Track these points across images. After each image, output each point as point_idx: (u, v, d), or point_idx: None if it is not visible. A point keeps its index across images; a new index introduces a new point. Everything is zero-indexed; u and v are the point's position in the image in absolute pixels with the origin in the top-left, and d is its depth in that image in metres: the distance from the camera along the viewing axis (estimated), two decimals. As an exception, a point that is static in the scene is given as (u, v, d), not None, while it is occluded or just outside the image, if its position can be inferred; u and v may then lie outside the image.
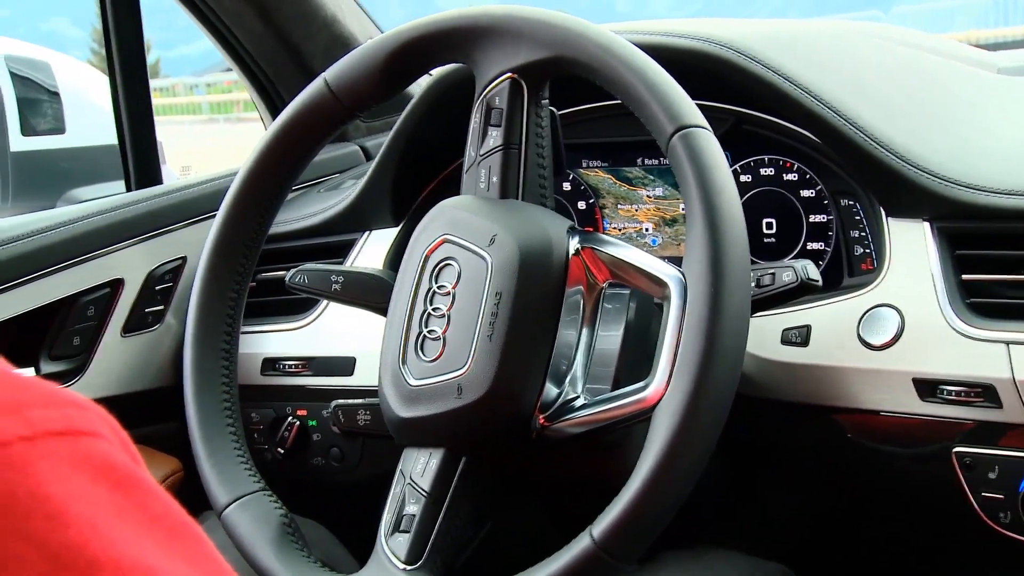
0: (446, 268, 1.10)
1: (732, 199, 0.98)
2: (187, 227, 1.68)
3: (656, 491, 0.94)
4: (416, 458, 1.10)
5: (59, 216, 1.57)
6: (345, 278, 1.26)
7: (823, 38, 1.49)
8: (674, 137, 0.99)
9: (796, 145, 1.38)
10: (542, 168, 1.14)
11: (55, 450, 0.43)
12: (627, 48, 1.04)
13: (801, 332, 1.25)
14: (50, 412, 0.44)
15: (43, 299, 1.52)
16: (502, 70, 1.11)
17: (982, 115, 1.41)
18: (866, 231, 1.33)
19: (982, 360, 1.14)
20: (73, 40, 30.80)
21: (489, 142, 1.13)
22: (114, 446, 0.46)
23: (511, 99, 1.11)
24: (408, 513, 1.08)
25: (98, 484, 0.44)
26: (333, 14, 1.81)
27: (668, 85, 1.02)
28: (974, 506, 1.18)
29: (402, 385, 1.09)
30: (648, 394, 0.97)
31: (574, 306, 1.08)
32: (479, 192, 1.14)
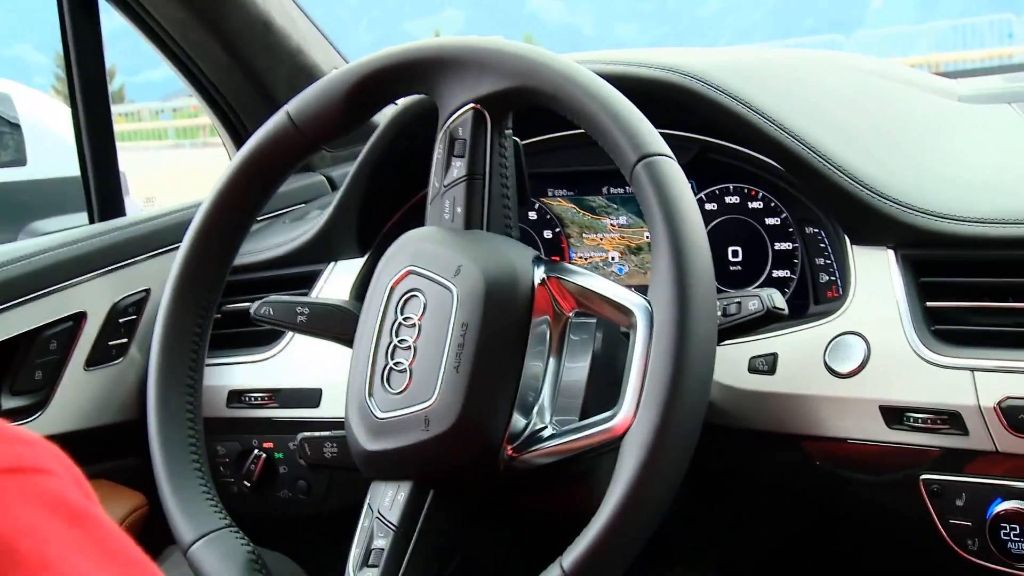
0: (411, 299, 1.09)
1: (697, 227, 0.98)
2: (151, 259, 1.67)
3: (626, 520, 0.94)
4: (384, 491, 1.09)
5: (20, 249, 1.56)
6: (311, 309, 1.25)
7: (786, 67, 1.50)
8: (638, 165, 0.99)
9: (761, 173, 1.38)
10: (506, 198, 1.14)
11: (6, 487, 0.42)
12: (590, 77, 1.04)
13: (768, 360, 1.25)
14: (1, 448, 0.43)
15: (4, 333, 1.50)
16: (464, 100, 1.11)
17: (944, 143, 1.42)
18: (831, 258, 1.34)
19: (948, 387, 1.15)
20: (37, 66, 30.76)
21: (453, 172, 1.13)
22: (65, 482, 0.46)
23: (474, 129, 1.11)
24: (376, 547, 1.07)
25: (51, 520, 0.43)
26: (298, 45, 1.80)
27: (631, 114, 1.02)
28: (942, 533, 1.18)
29: (369, 418, 1.09)
30: (616, 423, 0.97)
31: (540, 336, 1.08)
32: (443, 223, 1.13)
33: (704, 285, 0.96)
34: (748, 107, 1.27)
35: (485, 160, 1.12)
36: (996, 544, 1.15)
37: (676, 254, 0.96)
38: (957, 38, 21.84)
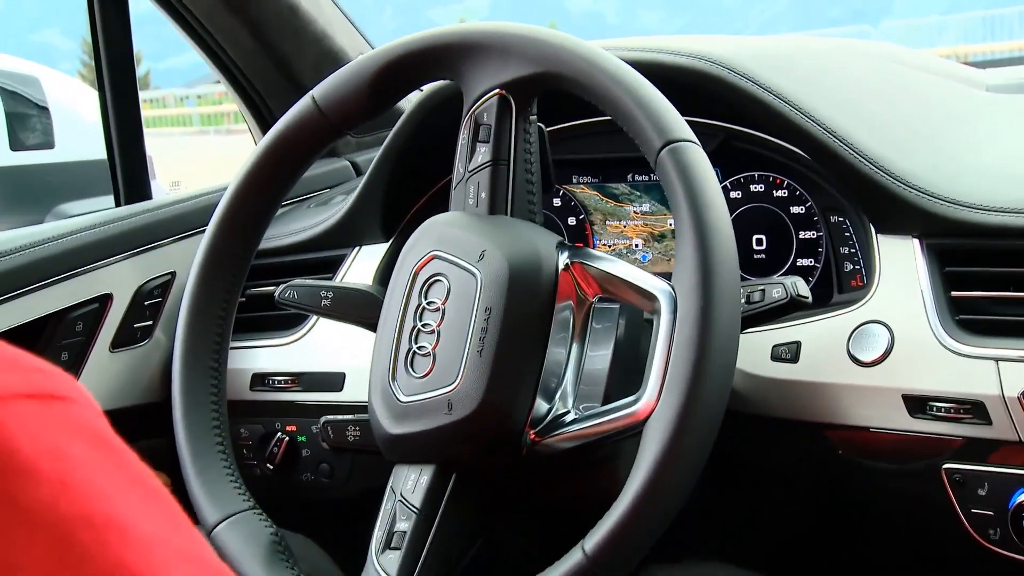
0: (435, 284, 1.09)
1: (721, 214, 0.98)
2: (176, 242, 1.68)
3: (647, 505, 0.94)
4: (407, 475, 1.10)
5: (47, 231, 1.57)
6: (335, 294, 1.26)
7: (813, 55, 1.49)
8: (662, 152, 0.99)
9: (786, 162, 1.38)
10: (530, 184, 1.14)
11: (27, 411, 0.42)
12: (615, 63, 1.04)
13: (791, 348, 1.25)
14: (20, 376, 0.44)
15: (31, 314, 1.51)
16: (490, 86, 1.11)
17: (971, 132, 1.42)
18: (855, 247, 1.33)
19: (971, 377, 1.15)
20: (63, 52, 30.80)
21: (478, 158, 1.13)
22: (86, 410, 0.46)
23: (499, 115, 1.11)
24: (399, 530, 1.08)
25: (72, 442, 0.43)
26: (323, 29, 1.81)
27: (656, 100, 1.02)
28: (964, 522, 1.18)
29: (392, 402, 1.09)
30: (639, 408, 0.97)
31: (564, 322, 1.08)
32: (468, 208, 1.13)
33: (728, 272, 0.96)
34: (775, 95, 1.27)
35: (510, 145, 1.12)
36: (1018, 533, 1.15)
37: (700, 241, 0.96)
38: (986, 29, 21.67)
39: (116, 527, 0.42)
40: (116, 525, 0.42)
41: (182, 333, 1.24)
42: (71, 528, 0.41)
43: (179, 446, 1.22)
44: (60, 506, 0.41)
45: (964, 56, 18.12)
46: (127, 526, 0.43)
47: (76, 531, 0.41)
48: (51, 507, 0.41)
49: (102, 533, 0.42)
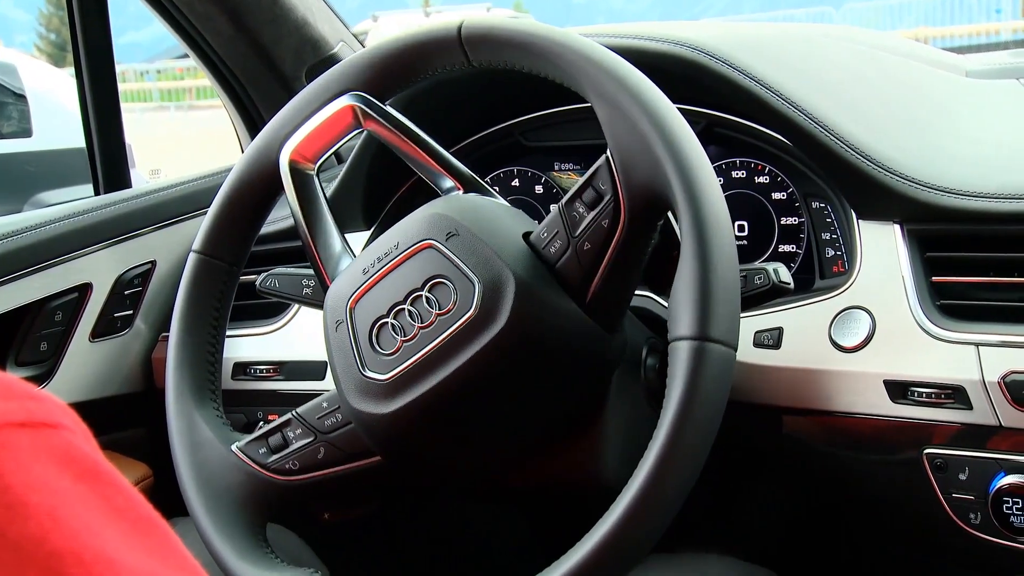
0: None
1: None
2: (156, 231, 1.67)
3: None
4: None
5: (26, 220, 1.56)
6: (316, 282, 1.25)
7: (794, 41, 1.49)
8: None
9: (768, 148, 1.38)
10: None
11: (16, 441, 0.42)
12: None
13: (773, 334, 1.25)
14: (10, 404, 0.44)
15: (10, 304, 1.50)
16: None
17: (952, 118, 1.42)
18: (837, 233, 1.34)
19: (952, 362, 1.15)
20: (18, 23, 30.39)
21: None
22: (77, 437, 0.46)
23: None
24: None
25: (61, 475, 0.43)
26: (303, 17, 1.80)
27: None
28: (945, 507, 1.19)
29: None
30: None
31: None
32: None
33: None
34: (756, 81, 1.27)
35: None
36: (999, 518, 1.15)
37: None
38: (945, 12, 21.69)
39: (105, 562, 0.42)
40: (105, 559, 0.42)
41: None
42: (61, 564, 0.41)
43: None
44: (50, 541, 0.41)
45: (925, 39, 18.13)
46: (115, 560, 0.43)
47: (66, 567, 0.41)
48: (41, 542, 0.41)
49: (92, 568, 0.42)
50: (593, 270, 1.00)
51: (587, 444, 1.08)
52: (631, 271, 1.02)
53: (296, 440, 1.13)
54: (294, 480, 1.13)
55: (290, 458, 1.13)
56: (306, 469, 1.13)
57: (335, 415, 1.12)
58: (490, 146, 1.57)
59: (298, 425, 1.14)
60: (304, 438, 1.13)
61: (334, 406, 1.12)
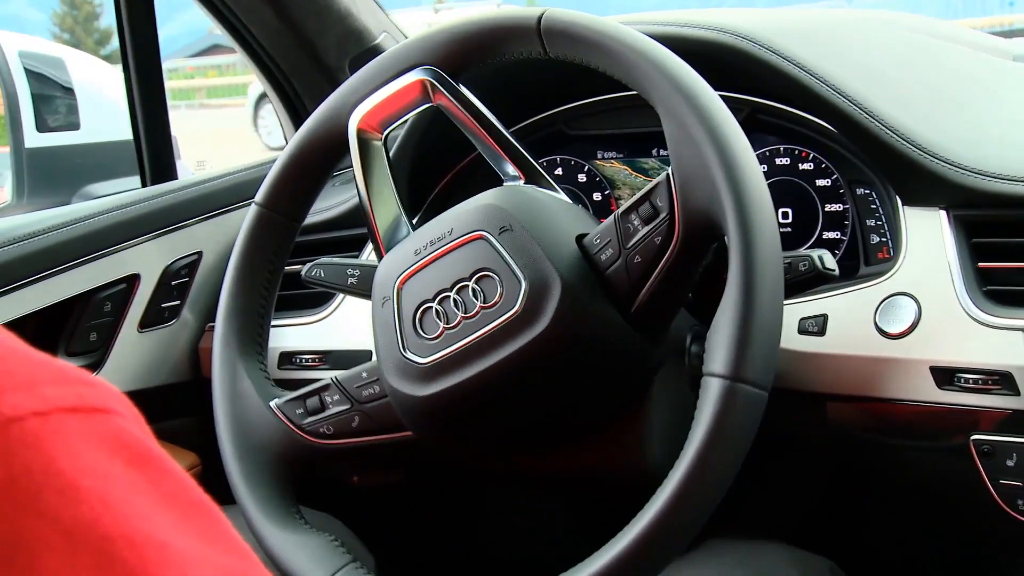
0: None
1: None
2: (202, 222, 1.69)
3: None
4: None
5: (75, 212, 1.58)
6: (361, 271, 1.26)
7: (837, 27, 1.49)
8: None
9: (811, 134, 1.37)
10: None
11: (68, 426, 0.43)
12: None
13: (818, 321, 1.25)
14: (63, 389, 0.44)
15: (60, 295, 1.52)
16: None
17: (999, 103, 1.41)
18: (882, 220, 1.33)
19: (999, 348, 1.14)
20: (33, 23, 30.36)
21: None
22: (128, 422, 0.46)
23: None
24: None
25: (112, 460, 0.44)
26: (347, 8, 1.80)
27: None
28: (992, 494, 1.18)
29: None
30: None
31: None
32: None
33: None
34: (800, 68, 1.26)
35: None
36: (1047, 504, 1.14)
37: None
38: (959, 4, 21.34)
39: (156, 545, 0.43)
40: (156, 543, 0.43)
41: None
42: (114, 547, 0.41)
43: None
44: (102, 525, 0.42)
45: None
46: (166, 544, 0.43)
47: (119, 550, 0.41)
48: (93, 525, 0.41)
49: (143, 552, 0.42)
50: (641, 283, 1.00)
51: (630, 432, 1.08)
52: (679, 288, 1.02)
53: (333, 406, 1.15)
54: (327, 444, 1.15)
55: (325, 422, 1.15)
56: (339, 435, 1.15)
57: (373, 386, 1.14)
58: (533, 135, 1.57)
59: (336, 391, 1.16)
60: (340, 404, 1.15)
61: (373, 377, 1.14)
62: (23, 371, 0.44)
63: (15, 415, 0.41)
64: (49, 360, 0.46)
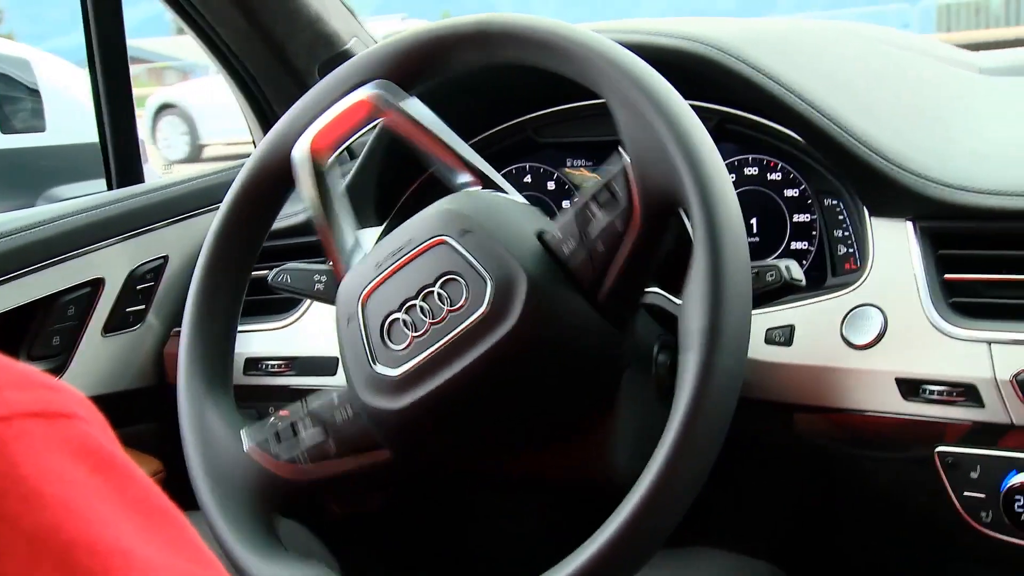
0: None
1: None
2: (169, 226, 1.68)
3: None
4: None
5: (39, 215, 1.57)
6: (328, 277, 1.25)
7: (806, 37, 1.49)
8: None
9: (780, 145, 1.38)
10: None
11: (30, 431, 0.42)
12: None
13: (784, 332, 1.25)
14: (26, 393, 0.44)
15: (22, 298, 1.51)
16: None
17: (965, 115, 1.42)
18: (849, 230, 1.33)
19: (964, 360, 1.15)
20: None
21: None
22: (92, 428, 0.46)
23: None
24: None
25: (76, 465, 0.43)
26: (317, 12, 1.80)
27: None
28: (956, 505, 1.18)
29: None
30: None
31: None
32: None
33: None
34: (769, 77, 1.27)
35: None
36: (1010, 516, 1.15)
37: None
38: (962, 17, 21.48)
39: (119, 553, 0.42)
40: (119, 551, 0.42)
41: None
42: (76, 554, 0.41)
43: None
44: (64, 531, 0.41)
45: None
46: (129, 551, 0.43)
47: (81, 557, 0.41)
48: (55, 532, 0.41)
49: (106, 559, 0.42)
50: (606, 270, 1.00)
51: (597, 440, 1.08)
52: (644, 272, 1.02)
53: (306, 434, 1.13)
54: (304, 474, 1.13)
55: (300, 451, 1.12)
56: (316, 461, 1.13)
57: (346, 409, 1.12)
58: (502, 143, 1.57)
59: (309, 418, 1.14)
60: (314, 431, 1.13)
61: (345, 400, 1.12)
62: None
63: None
64: (12, 364, 0.45)
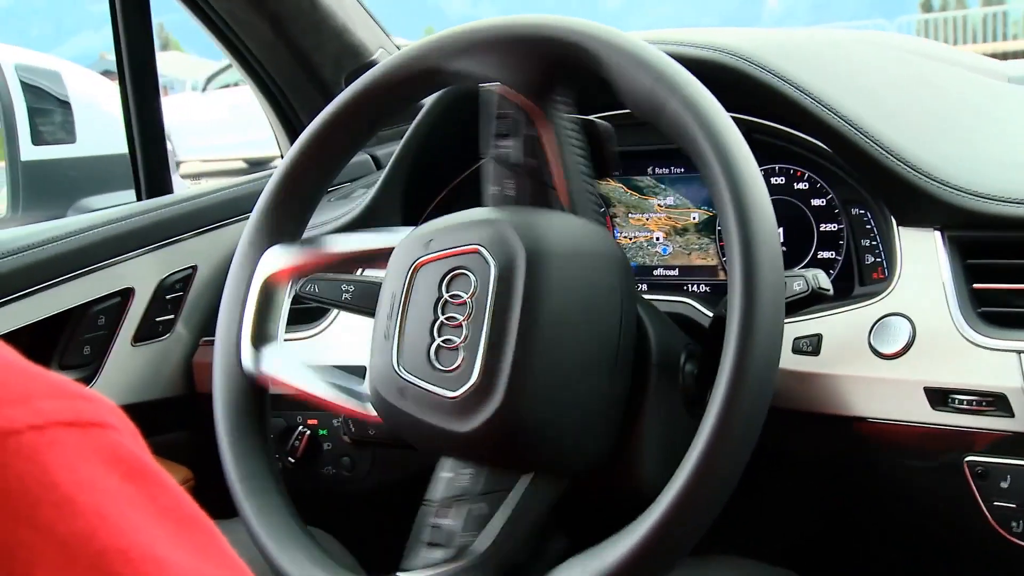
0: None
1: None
2: (197, 236, 1.69)
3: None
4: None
5: (70, 225, 1.58)
6: (356, 287, 1.26)
7: (833, 47, 1.49)
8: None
9: (807, 154, 1.37)
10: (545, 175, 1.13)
11: (64, 439, 0.43)
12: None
13: (812, 341, 1.25)
14: (59, 403, 0.44)
15: (54, 308, 1.52)
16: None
17: (993, 124, 1.41)
18: (877, 240, 1.33)
19: (993, 369, 1.14)
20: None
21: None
22: (124, 436, 0.46)
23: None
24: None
25: (109, 474, 0.44)
26: (344, 23, 1.81)
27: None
28: (986, 515, 1.18)
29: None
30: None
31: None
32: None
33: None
34: (796, 88, 1.27)
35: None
36: (1042, 526, 1.14)
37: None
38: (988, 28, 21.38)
39: (151, 559, 0.43)
40: (152, 558, 0.43)
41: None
42: (109, 561, 0.41)
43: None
44: (98, 538, 0.42)
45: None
46: (161, 558, 0.43)
47: (114, 564, 0.41)
48: (89, 539, 0.41)
49: (139, 566, 0.42)
50: (551, 176, 1.07)
51: (623, 449, 1.08)
52: (575, 159, 1.09)
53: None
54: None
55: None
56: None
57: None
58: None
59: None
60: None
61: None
62: (19, 384, 0.44)
63: (12, 428, 0.41)
64: (45, 374, 0.46)
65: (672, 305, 1.34)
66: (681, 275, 1.47)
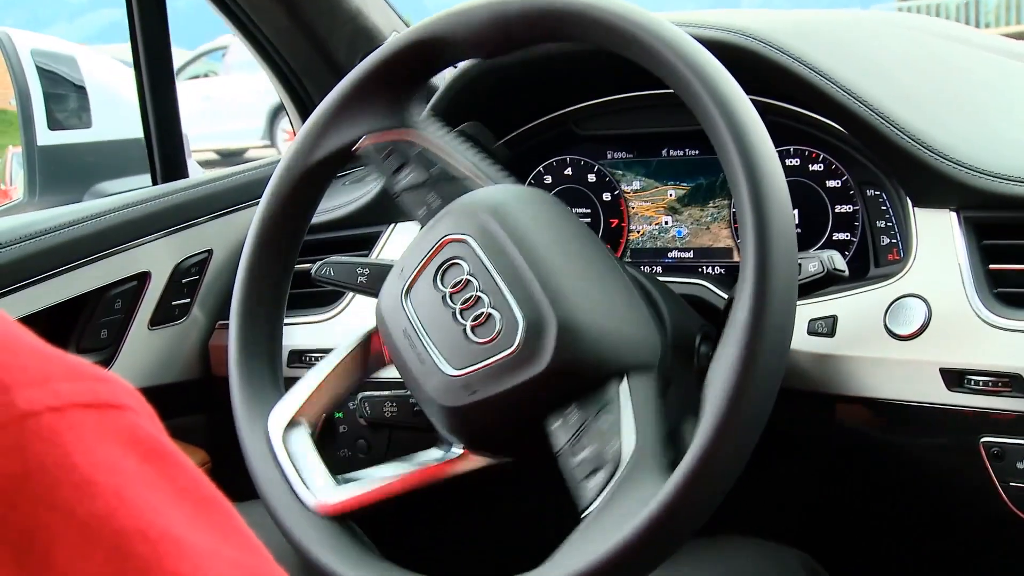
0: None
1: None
2: (213, 220, 1.69)
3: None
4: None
5: (86, 210, 1.58)
6: (371, 270, 1.26)
7: (848, 28, 1.48)
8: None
9: (821, 135, 1.37)
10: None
11: (83, 421, 0.43)
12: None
13: (827, 322, 1.24)
14: (77, 385, 0.44)
15: (71, 292, 1.52)
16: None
17: (1009, 104, 1.41)
18: (892, 221, 1.33)
19: (1009, 350, 1.14)
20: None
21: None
22: (142, 418, 0.46)
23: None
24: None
25: (127, 455, 0.44)
26: (357, 7, 1.81)
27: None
28: (1002, 496, 1.18)
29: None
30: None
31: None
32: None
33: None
34: (810, 68, 1.26)
35: None
36: (1057, 507, 1.14)
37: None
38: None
39: (170, 539, 0.43)
40: (170, 538, 0.43)
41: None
42: (128, 541, 0.42)
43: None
44: (117, 519, 0.42)
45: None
46: (180, 538, 0.43)
47: (133, 544, 0.42)
48: (108, 520, 0.42)
49: (157, 546, 0.42)
50: (458, 173, 1.17)
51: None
52: (465, 149, 1.18)
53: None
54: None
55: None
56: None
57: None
58: (543, 135, 1.57)
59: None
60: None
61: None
62: (38, 367, 0.44)
63: (30, 410, 0.42)
64: (63, 356, 0.46)
65: (687, 287, 1.34)
66: (696, 257, 1.47)
